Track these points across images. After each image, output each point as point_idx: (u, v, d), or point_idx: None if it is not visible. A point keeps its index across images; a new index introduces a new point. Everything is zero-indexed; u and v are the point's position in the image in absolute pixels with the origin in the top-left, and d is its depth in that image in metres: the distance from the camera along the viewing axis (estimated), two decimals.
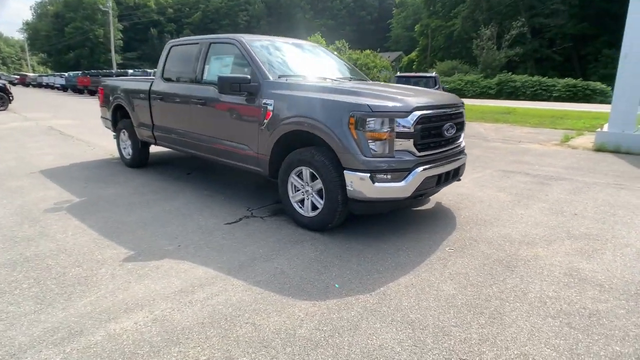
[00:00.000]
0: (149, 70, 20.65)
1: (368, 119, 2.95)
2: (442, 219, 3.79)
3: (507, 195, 4.53)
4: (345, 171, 3.06)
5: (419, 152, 3.14)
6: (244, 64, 3.92)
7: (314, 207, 3.39)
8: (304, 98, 3.30)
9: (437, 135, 3.35)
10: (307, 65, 4.38)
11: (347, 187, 3.07)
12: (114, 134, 6.32)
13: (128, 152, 5.86)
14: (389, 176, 3.02)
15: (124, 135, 5.88)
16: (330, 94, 3.23)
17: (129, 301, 2.33)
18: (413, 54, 50.80)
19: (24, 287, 2.48)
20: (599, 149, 7.65)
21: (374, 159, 2.99)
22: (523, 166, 6.12)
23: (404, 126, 3.03)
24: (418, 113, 3.09)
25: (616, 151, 7.44)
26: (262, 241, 3.23)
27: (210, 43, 4.31)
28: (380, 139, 2.98)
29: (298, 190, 3.49)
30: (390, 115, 2.99)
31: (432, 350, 1.93)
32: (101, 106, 6.39)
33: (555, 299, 2.39)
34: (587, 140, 8.76)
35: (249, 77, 3.61)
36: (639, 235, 3.39)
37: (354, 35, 68.38)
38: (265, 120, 3.53)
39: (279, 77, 3.70)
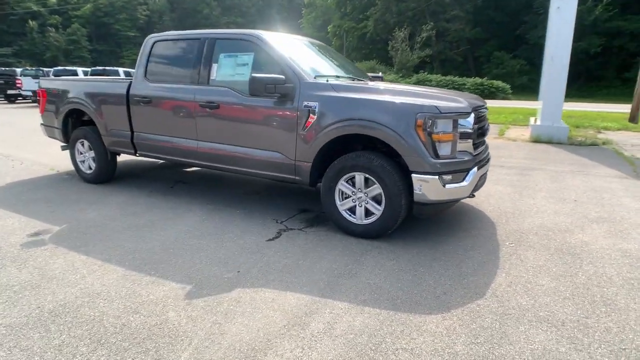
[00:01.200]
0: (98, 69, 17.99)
1: (437, 121, 2.89)
2: (472, 214, 3.90)
3: (506, 188, 4.85)
4: (413, 174, 2.96)
5: (474, 151, 3.18)
6: (267, 63, 3.57)
7: (367, 214, 3.23)
8: (361, 100, 3.11)
9: (481, 134, 3.43)
10: (327, 65, 4.16)
11: (415, 191, 2.97)
12: (64, 144, 5.33)
13: (89, 165, 4.98)
14: (452, 177, 3.01)
15: (82, 146, 4.98)
16: (390, 96, 3.09)
17: (242, 347, 1.95)
18: None
19: (84, 352, 1.92)
20: (535, 140, 8.64)
21: (442, 160, 2.94)
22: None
23: (465, 126, 3.04)
24: (474, 113, 3.12)
25: (549, 142, 8.47)
26: (325, 256, 2.97)
27: (216, 39, 3.83)
28: (447, 140, 2.94)
29: (347, 198, 3.29)
30: (456, 116, 2.97)
31: (592, 345, 1.95)
32: (44, 112, 5.32)
33: (637, 279, 2.61)
34: (519, 132, 9.84)
35: (283, 77, 3.29)
36: (638, 214, 3.88)
37: None
38: (308, 125, 3.25)
39: (315, 77, 3.44)
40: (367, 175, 3.13)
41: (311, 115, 3.23)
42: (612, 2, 27.19)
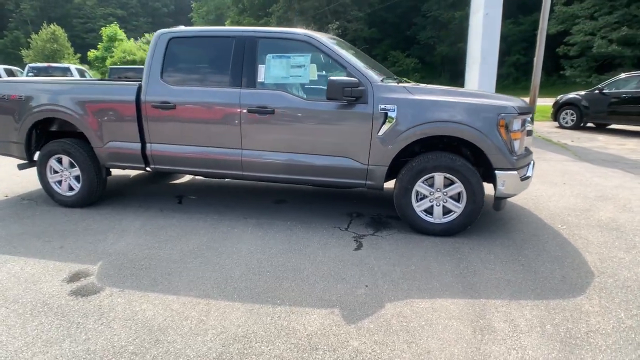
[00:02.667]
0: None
1: (514, 120, 3.13)
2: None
3: None
4: (497, 171, 3.15)
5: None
6: (325, 64, 3.41)
7: (445, 213, 3.34)
8: (444, 102, 3.17)
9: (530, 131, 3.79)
10: (370, 65, 4.08)
11: (499, 186, 3.18)
12: (24, 162, 4.31)
13: (69, 186, 4.11)
14: (523, 171, 3.29)
15: (59, 164, 4.08)
16: (464, 97, 3.22)
17: None
18: None
19: None
20: None
21: (517, 156, 3.19)
22: None
23: (529, 124, 3.34)
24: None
25: None
26: (427, 258, 3.00)
27: (258, 38, 3.49)
28: (519, 138, 3.20)
29: (424, 198, 3.35)
30: (526, 116, 3.24)
31: None
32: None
33: None
34: None
35: (357, 80, 3.19)
36: (632, 191, 4.70)
37: (151, 28, 62.51)
38: (385, 128, 3.21)
39: (382, 80, 3.39)
40: (447, 175, 3.23)
41: (388, 118, 3.19)
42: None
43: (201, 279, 2.68)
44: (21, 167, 4.41)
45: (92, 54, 43.01)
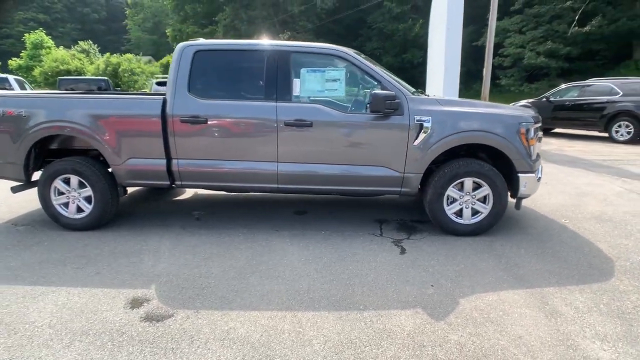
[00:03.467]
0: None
1: (531, 128, 3.51)
2: None
3: None
4: (520, 174, 3.51)
5: None
6: (358, 78, 3.58)
7: (473, 214, 3.64)
8: (473, 113, 3.47)
9: None
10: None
11: (521, 188, 3.53)
12: (19, 185, 3.97)
13: (77, 207, 3.85)
14: (537, 174, 3.69)
15: (66, 184, 3.82)
16: (491, 109, 3.56)
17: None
18: (167, 59, 48.45)
19: None
20: None
21: (533, 160, 3.58)
22: None
23: (539, 132, 3.76)
24: None
25: None
26: (471, 257, 3.25)
27: (291, 52, 3.57)
28: (534, 144, 3.59)
29: (454, 202, 3.62)
30: (538, 124, 3.65)
31: None
32: None
33: None
34: None
35: (394, 93, 3.39)
36: (603, 187, 5.36)
37: (80, 35, 58.57)
38: (420, 138, 3.44)
39: (413, 92, 3.62)
40: (475, 179, 3.52)
41: (424, 129, 3.42)
42: (425, 23, 33.64)
43: (272, 292, 2.69)
44: (16, 189, 4.03)
45: (14, 62, 39.15)
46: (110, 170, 3.82)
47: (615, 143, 9.41)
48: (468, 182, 3.54)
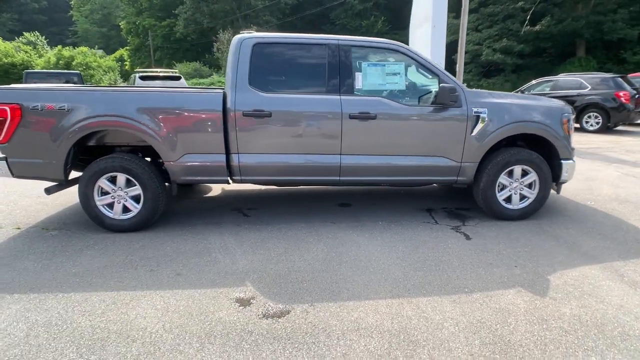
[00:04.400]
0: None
1: (570, 118, 3.81)
2: None
3: None
4: (563, 161, 3.79)
5: None
6: (416, 72, 3.68)
7: (521, 200, 3.89)
8: (524, 105, 3.70)
9: None
10: None
11: (564, 173, 3.82)
12: (53, 185, 3.72)
13: (122, 207, 3.66)
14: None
15: (111, 184, 3.61)
16: (536, 101, 3.81)
17: None
18: (121, 52, 45.94)
19: None
20: None
21: (573, 149, 3.88)
22: None
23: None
24: None
25: None
26: (545, 245, 3.47)
27: (351, 46, 3.60)
28: (571, 133, 3.90)
29: (504, 189, 3.84)
30: (573, 116, 3.96)
31: None
32: (9, 139, 3.48)
33: None
34: None
35: (453, 86, 3.53)
36: (602, 172, 5.85)
37: (18, 26, 53.84)
38: (477, 129, 3.62)
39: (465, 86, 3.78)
40: (524, 167, 3.77)
41: (481, 120, 3.60)
42: (386, 20, 34.42)
43: (372, 282, 2.75)
44: (51, 190, 3.75)
45: None
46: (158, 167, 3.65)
47: (586, 133, 10.27)
48: (517, 169, 3.77)
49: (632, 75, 11.28)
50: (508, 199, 3.86)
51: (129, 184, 3.62)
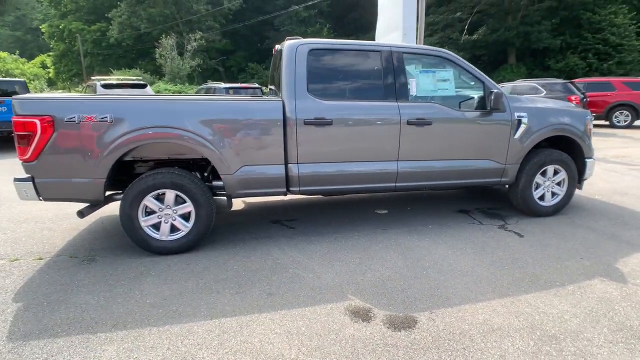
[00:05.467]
0: None
1: (591, 122, 4.22)
2: None
3: None
4: (586, 159, 4.17)
5: None
6: (462, 79, 3.84)
7: (552, 196, 4.21)
8: (556, 110, 4.01)
9: None
10: None
11: (587, 171, 4.20)
12: (85, 208, 3.35)
13: (175, 225, 3.37)
14: None
15: (157, 202, 3.31)
16: (564, 106, 4.15)
17: None
18: (42, 59, 41.76)
19: None
20: None
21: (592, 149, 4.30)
22: None
23: None
24: None
25: None
26: (585, 236, 3.78)
27: (403, 53, 3.65)
28: (591, 134, 4.31)
29: (538, 187, 4.13)
30: None
31: None
32: (37, 157, 3.05)
33: None
34: None
35: (500, 92, 3.74)
36: None
37: None
38: (519, 132, 3.86)
39: None
40: (556, 166, 4.09)
41: (522, 123, 3.84)
42: (333, 27, 35.16)
43: (470, 284, 2.81)
44: (84, 213, 3.34)
45: None
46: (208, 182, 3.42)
47: None
48: (550, 168, 4.08)
49: (577, 81, 12.67)
50: (542, 197, 4.14)
51: (179, 201, 3.32)
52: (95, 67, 37.74)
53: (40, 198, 3.17)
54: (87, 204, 3.37)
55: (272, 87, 4.33)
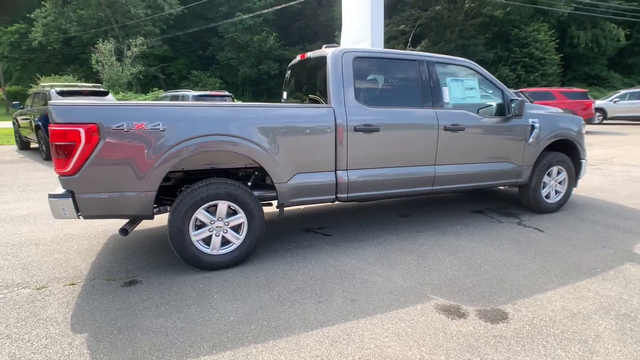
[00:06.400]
0: None
1: (585, 127, 4.76)
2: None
3: None
4: (581, 160, 4.69)
5: None
6: (483, 87, 4.14)
7: (555, 194, 4.67)
8: (558, 116, 4.46)
9: None
10: None
11: (582, 170, 4.73)
12: (126, 226, 3.11)
13: (227, 237, 3.24)
14: None
15: (209, 214, 3.15)
16: (564, 112, 4.62)
17: None
18: None
19: None
20: None
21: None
22: None
23: None
24: None
25: None
26: (599, 230, 4.22)
27: (435, 63, 3.85)
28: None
29: (545, 186, 4.56)
30: None
31: None
32: (79, 169, 2.76)
33: None
34: None
35: (524, 99, 4.09)
36: None
37: None
38: (532, 136, 4.25)
39: None
40: (559, 167, 4.55)
41: (535, 128, 4.24)
42: (279, 36, 35.24)
43: (529, 276, 3.05)
44: (128, 230, 3.06)
45: None
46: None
47: None
48: (555, 169, 4.53)
49: (524, 90, 14.01)
50: (547, 195, 4.58)
51: (231, 213, 3.19)
52: (14, 72, 34.11)
53: (80, 215, 2.85)
54: (127, 220, 3.09)
55: (284, 95, 4.36)
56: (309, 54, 4.01)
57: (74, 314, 2.58)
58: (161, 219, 3.70)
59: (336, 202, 3.70)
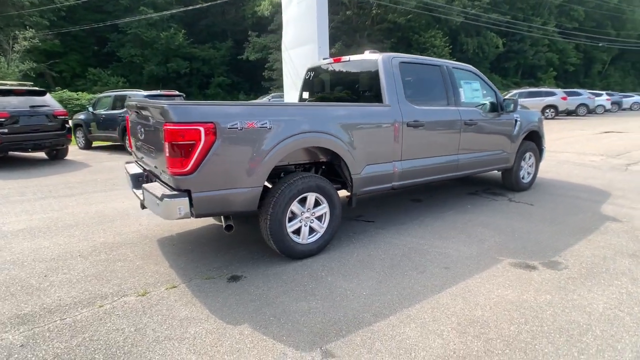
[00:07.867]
0: None
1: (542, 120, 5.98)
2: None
3: None
4: (543, 148, 5.89)
5: None
6: (481, 88, 5.00)
7: (527, 175, 5.79)
8: (529, 112, 5.53)
9: None
10: None
11: (543, 155, 5.92)
12: (228, 224, 3.20)
13: (313, 226, 3.51)
14: None
15: (300, 206, 3.40)
16: (527, 109, 5.73)
17: None
18: None
19: None
20: None
21: None
22: None
23: None
24: None
25: None
26: (584, 205, 5.35)
27: (453, 68, 4.56)
28: None
29: (521, 169, 5.63)
30: None
31: None
32: (198, 167, 2.80)
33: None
34: None
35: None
36: None
37: None
38: (516, 129, 5.24)
39: None
40: (530, 153, 5.65)
41: (518, 122, 5.24)
42: (187, 33, 33.59)
43: (555, 235, 3.89)
44: (232, 226, 3.12)
45: None
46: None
47: None
48: (528, 155, 5.62)
49: None
50: (522, 177, 5.65)
51: (317, 204, 3.45)
52: None
53: (194, 215, 2.85)
54: (230, 217, 3.13)
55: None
56: (346, 58, 4.39)
57: (211, 310, 2.62)
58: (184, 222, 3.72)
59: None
